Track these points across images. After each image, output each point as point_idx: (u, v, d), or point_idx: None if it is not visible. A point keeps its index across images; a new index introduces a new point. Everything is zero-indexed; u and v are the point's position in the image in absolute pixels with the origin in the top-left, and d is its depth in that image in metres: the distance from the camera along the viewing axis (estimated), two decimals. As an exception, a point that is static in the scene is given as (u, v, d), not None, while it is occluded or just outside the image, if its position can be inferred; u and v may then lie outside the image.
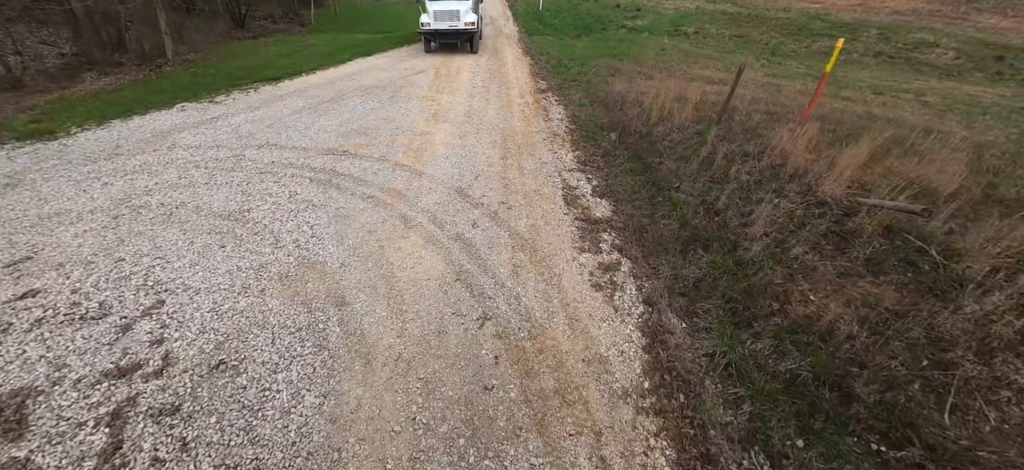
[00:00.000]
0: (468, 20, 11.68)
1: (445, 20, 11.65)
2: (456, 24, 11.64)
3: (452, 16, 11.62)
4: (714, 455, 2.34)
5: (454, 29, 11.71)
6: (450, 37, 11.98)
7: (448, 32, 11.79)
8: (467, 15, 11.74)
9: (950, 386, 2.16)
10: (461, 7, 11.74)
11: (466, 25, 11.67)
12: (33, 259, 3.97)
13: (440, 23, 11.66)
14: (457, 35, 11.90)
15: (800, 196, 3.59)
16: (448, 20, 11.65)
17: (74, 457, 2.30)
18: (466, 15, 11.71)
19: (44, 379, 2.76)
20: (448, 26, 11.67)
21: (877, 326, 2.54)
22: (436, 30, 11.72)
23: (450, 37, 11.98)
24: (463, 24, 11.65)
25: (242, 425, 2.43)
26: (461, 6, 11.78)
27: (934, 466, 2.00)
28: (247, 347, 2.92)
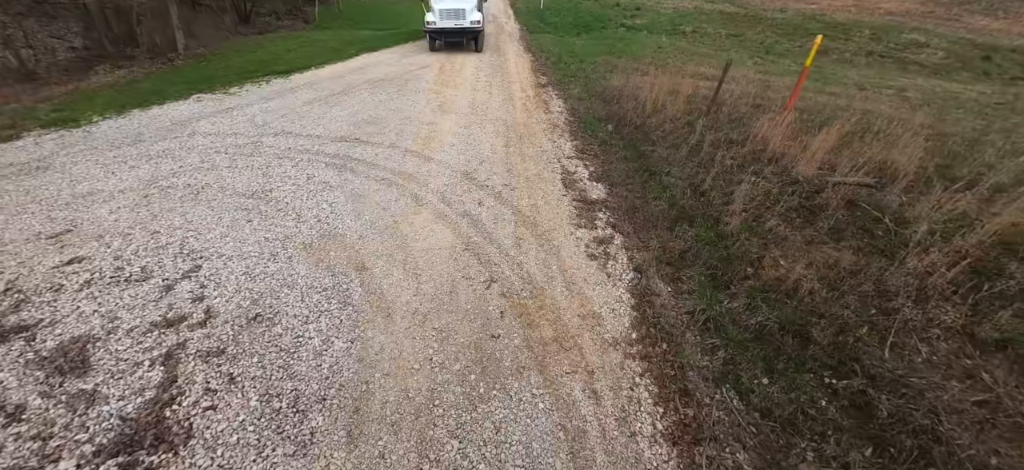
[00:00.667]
0: (474, 19, 11.62)
1: (450, 18, 11.62)
2: (461, 22, 11.60)
3: (457, 14, 11.58)
4: (690, 390, 2.71)
5: (459, 27, 11.67)
6: (455, 36, 11.93)
7: (453, 31, 11.75)
8: (472, 14, 11.67)
9: (891, 328, 2.53)
10: (466, 5, 11.65)
11: (472, 23, 11.62)
12: (73, 231, 4.32)
13: (445, 21, 11.63)
14: (462, 34, 11.85)
15: (776, 176, 3.96)
16: (453, 18, 11.61)
17: (135, 388, 2.66)
18: (471, 14, 11.64)
19: (99, 329, 3.12)
20: (454, 24, 11.64)
21: (835, 283, 2.91)
22: (442, 28, 11.68)
23: (455, 36, 11.93)
24: (469, 22, 11.60)
25: (280, 364, 2.79)
26: (466, 4, 11.68)
27: (873, 390, 2.36)
28: (280, 303, 3.28)
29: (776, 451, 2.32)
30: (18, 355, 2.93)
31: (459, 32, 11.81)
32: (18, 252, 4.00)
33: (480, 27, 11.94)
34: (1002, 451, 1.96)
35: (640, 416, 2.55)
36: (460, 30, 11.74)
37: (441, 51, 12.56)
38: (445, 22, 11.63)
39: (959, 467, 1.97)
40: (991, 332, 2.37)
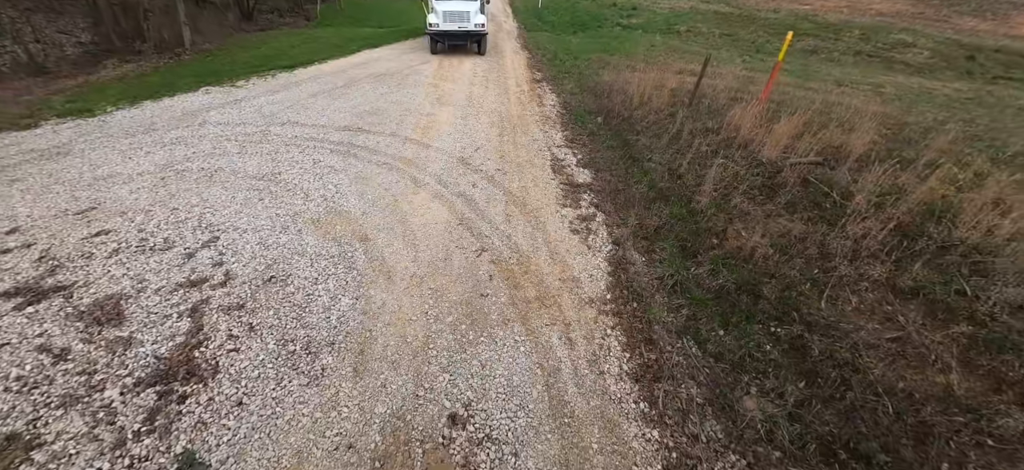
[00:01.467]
0: (478, 21, 11.39)
1: (454, 21, 11.30)
2: (466, 25, 11.30)
3: (461, 17, 11.27)
4: (655, 340, 3.08)
5: (464, 30, 11.35)
6: (459, 39, 11.61)
7: (457, 33, 11.41)
8: (477, 16, 11.44)
9: (828, 283, 2.90)
10: (471, 8, 11.41)
11: (476, 26, 11.37)
12: (97, 209, 4.68)
13: (449, 24, 11.29)
14: (466, 37, 11.55)
15: (744, 159, 4.33)
16: (457, 21, 11.29)
17: (166, 335, 3.03)
18: (476, 16, 11.41)
19: (130, 288, 3.48)
20: (457, 27, 11.32)
21: (785, 248, 3.28)
22: (445, 31, 11.32)
23: (459, 39, 11.61)
24: (473, 25, 11.33)
25: (294, 316, 3.16)
26: (471, 7, 11.44)
27: (809, 334, 2.73)
28: (291, 268, 3.65)
29: (724, 386, 2.69)
30: (58, 309, 3.29)
31: (463, 35, 11.51)
32: (48, 226, 4.36)
33: (485, 31, 11.71)
34: (907, 377, 2.33)
35: (609, 359, 2.92)
36: (464, 33, 11.45)
37: (441, 53, 12.33)
38: (449, 24, 11.31)
39: (871, 390, 2.34)
40: (908, 282, 2.74)
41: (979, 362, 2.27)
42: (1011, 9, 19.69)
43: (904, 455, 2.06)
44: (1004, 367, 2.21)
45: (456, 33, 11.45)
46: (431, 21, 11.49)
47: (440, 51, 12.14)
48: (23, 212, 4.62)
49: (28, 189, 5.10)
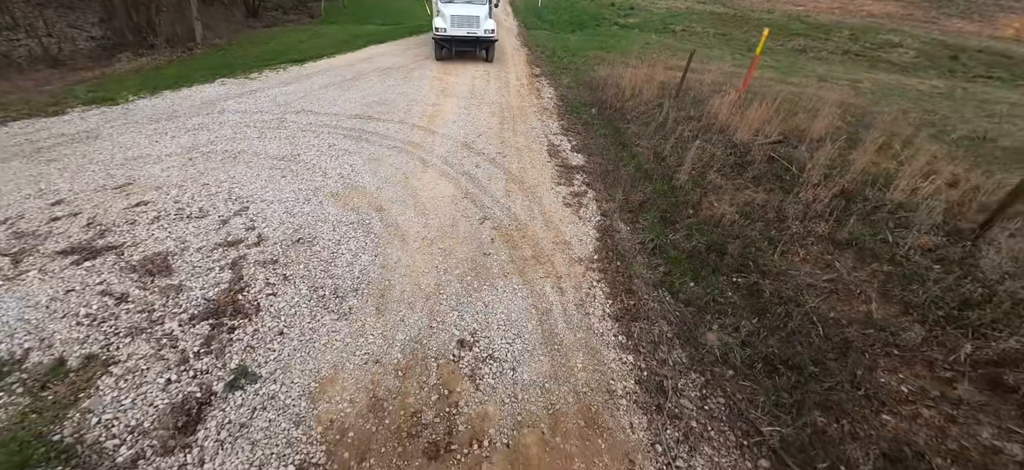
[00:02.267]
0: (488, 27, 10.84)
1: (462, 26, 10.71)
2: (474, 31, 10.73)
3: (470, 22, 10.70)
4: (634, 290, 3.56)
5: (473, 36, 10.82)
6: (467, 45, 11.13)
7: (466, 40, 10.90)
8: (486, 22, 10.90)
9: (781, 240, 3.37)
10: (480, 12, 10.87)
11: (486, 32, 10.82)
12: (133, 184, 5.14)
13: (457, 29, 10.70)
14: (475, 43, 11.09)
15: (720, 142, 4.81)
16: (466, 26, 10.71)
17: (212, 283, 3.49)
18: (485, 22, 10.86)
19: (174, 247, 3.95)
20: (466, 33, 10.75)
21: (749, 214, 3.75)
22: (453, 36, 10.77)
23: (467, 45, 11.13)
24: (483, 31, 10.77)
25: (321, 269, 3.63)
26: (480, 11, 10.91)
27: (762, 280, 3.21)
28: (316, 231, 4.12)
29: (690, 324, 3.18)
30: (113, 264, 3.75)
31: (472, 41, 11.00)
32: (90, 198, 4.82)
33: (494, 37, 11.21)
34: (837, 308, 2.80)
35: (594, 304, 3.40)
36: (473, 39, 10.91)
37: (446, 59, 11.62)
38: (456, 30, 10.70)
39: (808, 319, 2.82)
40: (844, 235, 3.21)
41: (893, 293, 2.75)
42: (997, 11, 20.24)
43: (829, 365, 2.54)
44: (911, 295, 2.69)
45: (464, 39, 10.92)
46: (437, 25, 10.81)
47: (445, 57, 11.51)
48: (64, 187, 5.08)
49: (65, 168, 5.56)
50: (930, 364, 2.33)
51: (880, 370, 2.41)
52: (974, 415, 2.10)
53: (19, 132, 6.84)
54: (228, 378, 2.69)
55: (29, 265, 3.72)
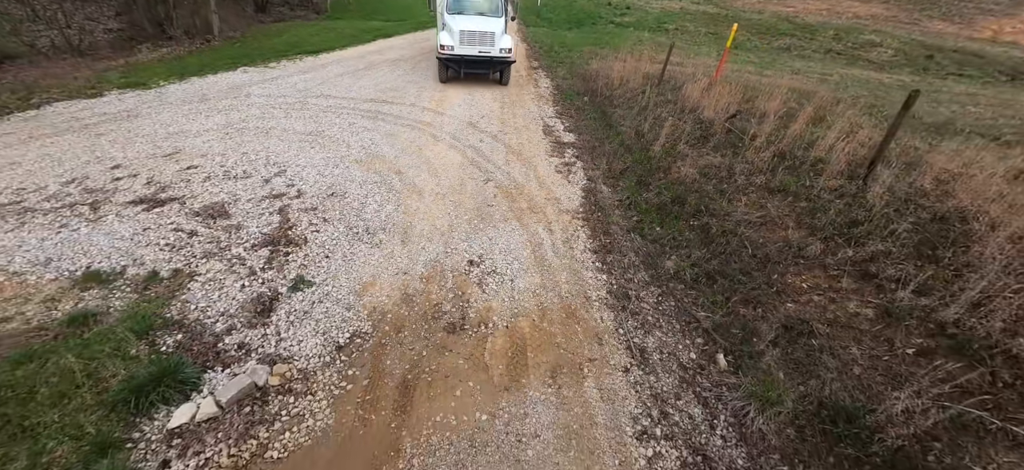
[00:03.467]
0: (504, 45, 8.84)
1: (474, 44, 8.71)
2: (488, 50, 8.75)
3: (483, 39, 8.67)
4: (611, 232, 4.34)
5: (486, 56, 8.83)
6: (479, 67, 9.06)
7: (478, 60, 8.88)
8: (502, 39, 8.91)
9: (728, 191, 4.15)
10: (495, 27, 8.80)
11: (502, 52, 8.83)
12: (180, 153, 5.89)
13: (467, 46, 8.72)
14: (488, 64, 9.01)
15: (690, 119, 5.59)
16: (478, 44, 8.71)
17: (265, 223, 4.26)
18: (501, 39, 8.85)
19: (228, 199, 4.71)
20: (477, 52, 8.78)
21: (706, 173, 4.54)
22: (462, 57, 8.80)
23: (479, 67, 9.06)
24: (498, 50, 8.79)
25: (354, 214, 4.40)
26: (495, 26, 8.83)
27: (712, 220, 3.99)
28: (346, 188, 4.89)
29: (654, 255, 3.96)
30: (178, 210, 4.51)
31: (484, 62, 8.97)
32: (144, 163, 5.57)
33: (511, 58, 9.11)
34: (764, 236, 3.58)
35: (577, 241, 4.18)
36: (486, 60, 8.90)
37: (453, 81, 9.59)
38: (466, 47, 8.74)
39: (741, 244, 3.60)
40: (776, 183, 3.98)
41: (805, 221, 3.53)
42: (977, 13, 21.14)
43: (753, 274, 3.32)
44: (817, 221, 3.48)
45: (477, 59, 8.87)
46: (443, 42, 8.78)
47: (451, 79, 9.45)
48: (119, 155, 5.82)
49: (115, 140, 6.31)
50: (824, 267, 3.10)
51: (789, 274, 3.18)
52: (847, 296, 2.87)
53: (64, 111, 7.58)
54: (289, 284, 3.46)
55: (106, 211, 4.48)
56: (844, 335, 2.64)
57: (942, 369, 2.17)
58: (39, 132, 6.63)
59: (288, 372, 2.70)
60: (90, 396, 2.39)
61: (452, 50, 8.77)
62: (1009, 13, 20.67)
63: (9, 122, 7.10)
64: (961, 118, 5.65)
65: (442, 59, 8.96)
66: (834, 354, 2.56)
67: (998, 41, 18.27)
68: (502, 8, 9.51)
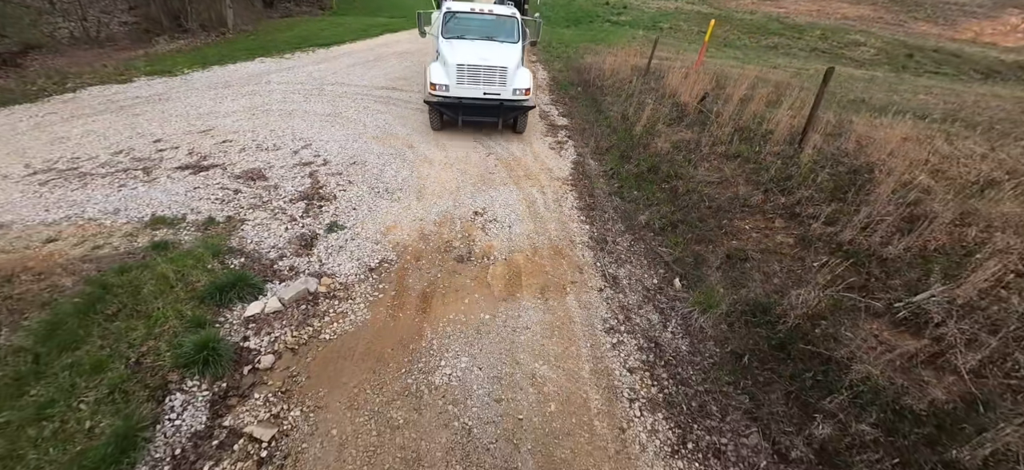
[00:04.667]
0: (520, 85, 6.10)
1: (477, 81, 5.97)
2: (497, 90, 6.02)
3: (491, 76, 5.95)
4: (595, 195, 5.06)
5: (494, 101, 6.06)
6: (485, 114, 6.22)
7: (484, 105, 6.11)
8: (518, 75, 6.18)
9: (694, 159, 4.87)
10: (508, 58, 6.12)
11: (516, 94, 6.07)
12: (213, 130, 6.59)
13: (468, 86, 5.98)
14: (498, 111, 6.20)
15: (669, 103, 6.31)
16: (483, 82, 5.97)
17: (298, 184, 4.96)
18: (515, 76, 6.11)
19: (263, 166, 5.41)
20: (482, 94, 6.03)
21: (678, 146, 5.26)
22: (460, 100, 6.03)
23: (485, 114, 6.22)
24: (511, 92, 6.04)
25: (374, 177, 5.11)
26: (508, 57, 6.15)
27: (679, 182, 4.71)
28: (366, 158, 5.59)
29: (630, 212, 4.68)
30: (221, 174, 5.21)
31: (492, 108, 6.16)
32: (182, 138, 6.26)
33: (529, 101, 6.29)
34: (719, 192, 4.30)
35: (565, 201, 4.90)
36: (494, 105, 6.12)
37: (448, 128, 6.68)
38: (466, 87, 6.00)
39: (701, 199, 4.32)
40: (732, 152, 4.69)
41: (752, 179, 4.24)
42: (960, 15, 21.93)
43: (707, 221, 4.03)
44: (760, 178, 4.20)
45: (481, 104, 6.10)
46: (435, 79, 6.09)
47: (447, 126, 6.61)
48: (158, 131, 6.51)
49: (151, 119, 6.99)
50: (763, 212, 3.80)
51: (735, 219, 3.89)
52: (777, 231, 3.58)
53: (99, 94, 8.27)
54: (325, 227, 4.17)
55: (158, 175, 5.17)
56: (770, 258, 3.35)
57: (832, 272, 2.87)
58: (80, 112, 7.31)
59: (332, 284, 3.41)
60: (183, 293, 3.10)
61: (446, 91, 5.96)
62: (990, 16, 21.47)
63: (49, 103, 7.79)
64: (906, 103, 6.37)
65: (434, 105, 6.14)
66: (761, 271, 3.27)
67: (977, 42, 19.04)
68: (517, 31, 6.72)
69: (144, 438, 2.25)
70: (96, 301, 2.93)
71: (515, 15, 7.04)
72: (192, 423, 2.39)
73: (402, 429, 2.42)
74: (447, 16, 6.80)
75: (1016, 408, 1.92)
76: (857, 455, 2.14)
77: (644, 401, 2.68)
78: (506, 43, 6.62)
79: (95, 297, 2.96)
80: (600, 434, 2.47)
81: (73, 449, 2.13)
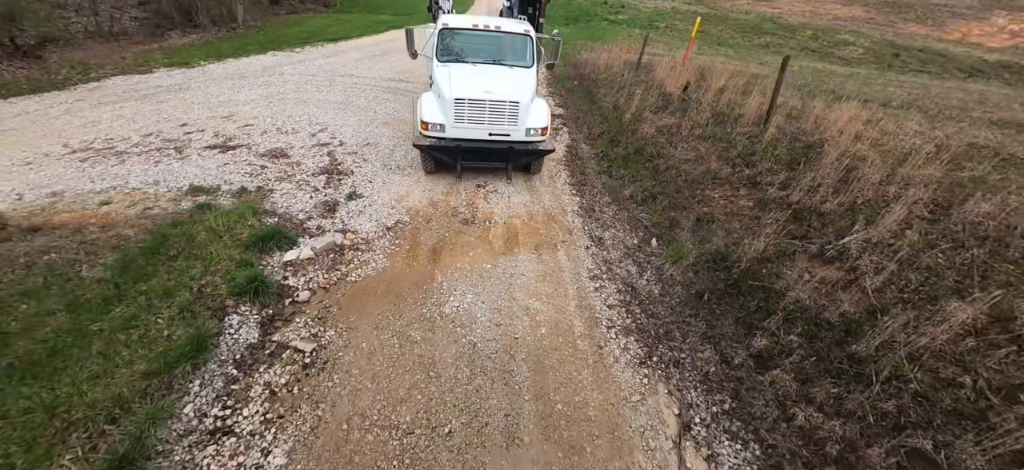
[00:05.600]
0: (535, 123, 4.90)
1: (481, 120, 4.76)
2: (507, 133, 4.83)
3: (498, 112, 4.73)
4: (586, 174, 5.61)
5: (501, 142, 4.87)
6: (491, 159, 5.07)
7: (489, 147, 4.91)
8: (532, 111, 4.98)
9: (674, 140, 5.42)
10: (519, 90, 4.89)
11: (531, 133, 4.89)
12: (235, 116, 7.11)
13: (470, 126, 4.78)
14: (505, 156, 5.03)
15: (655, 92, 6.86)
16: (488, 120, 4.75)
17: (318, 161, 5.49)
18: (530, 110, 4.95)
19: (285, 146, 5.94)
20: (487, 135, 4.83)
21: (661, 131, 5.81)
22: (459, 142, 4.84)
23: (491, 159, 5.07)
24: (524, 132, 4.85)
25: (386, 156, 5.65)
26: (519, 86, 4.95)
27: (660, 161, 5.25)
28: (378, 140, 6.13)
29: (616, 187, 5.22)
30: (247, 153, 5.74)
31: (499, 152, 4.98)
32: (206, 122, 6.78)
33: (546, 143, 5.05)
34: (694, 167, 4.84)
35: (559, 179, 5.45)
36: (501, 148, 4.93)
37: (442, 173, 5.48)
38: (467, 126, 4.79)
39: (678, 175, 4.87)
40: (708, 133, 5.24)
41: (723, 156, 4.79)
42: (948, 17, 22.52)
43: (683, 191, 4.57)
44: (729, 154, 4.74)
45: (486, 147, 4.93)
46: (427, 117, 4.82)
47: (443, 170, 5.31)
48: (182, 116, 7.03)
49: (175, 106, 7.52)
50: (731, 183, 4.35)
51: (706, 190, 4.43)
52: (740, 197, 4.12)
53: (122, 84, 8.79)
54: (345, 196, 4.70)
55: (188, 153, 5.70)
56: (733, 219, 3.89)
57: (780, 225, 3.41)
58: (107, 99, 7.84)
59: (355, 239, 3.95)
60: (230, 241, 3.63)
61: (441, 132, 4.82)
62: (979, 17, 22.05)
63: (76, 91, 8.32)
64: (874, 94, 6.93)
65: (426, 150, 4.91)
66: (724, 229, 3.81)
67: (964, 42, 19.61)
68: (531, 53, 5.60)
69: (212, 343, 2.79)
70: (158, 245, 3.46)
71: (528, 32, 5.63)
72: (247, 337, 2.93)
73: (419, 344, 2.96)
74: (443, 34, 5.51)
75: (903, 311, 2.46)
76: (785, 358, 2.68)
77: (619, 328, 3.22)
78: (517, 67, 5.34)
79: (157, 243, 3.49)
80: (582, 350, 3.01)
81: (157, 348, 2.66)
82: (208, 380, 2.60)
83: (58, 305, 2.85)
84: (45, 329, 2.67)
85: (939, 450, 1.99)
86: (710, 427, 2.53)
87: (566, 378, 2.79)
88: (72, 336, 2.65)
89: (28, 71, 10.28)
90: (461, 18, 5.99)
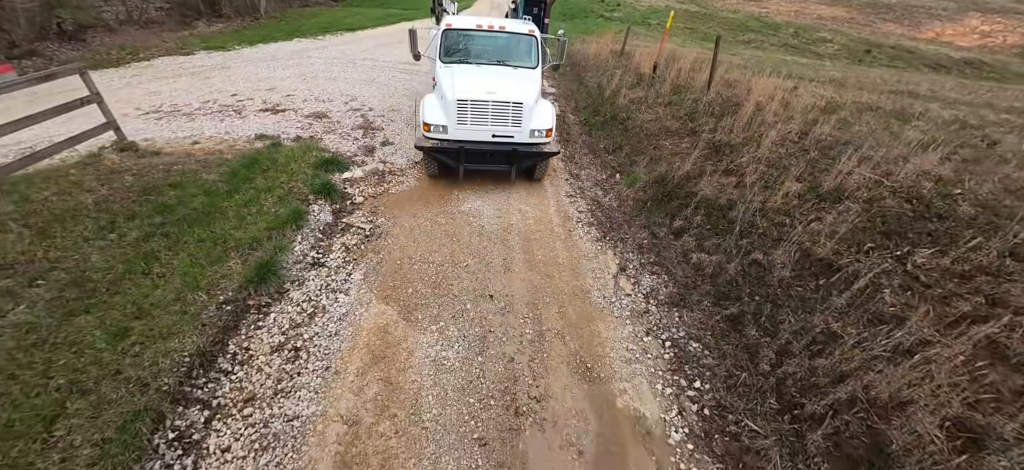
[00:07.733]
0: (539, 125, 4.95)
1: (484, 121, 4.80)
2: (511, 134, 4.87)
3: (501, 113, 4.78)
4: (571, 135, 6.93)
5: (505, 144, 4.89)
6: (494, 161, 5.09)
7: (492, 148, 4.90)
8: (536, 112, 5.04)
9: (643, 107, 6.73)
10: (524, 90, 4.95)
11: (536, 135, 4.93)
12: (276, 89, 8.40)
13: (473, 127, 4.82)
14: (509, 158, 5.04)
15: (632, 73, 8.18)
16: (491, 122, 4.79)
17: (353, 121, 6.80)
18: (535, 112, 5.01)
19: (324, 111, 7.23)
20: (491, 136, 4.85)
21: (633, 101, 7.12)
22: (462, 144, 4.85)
23: (494, 161, 5.09)
24: (528, 133, 4.90)
25: (408, 117, 6.96)
26: (523, 87, 5.03)
27: (630, 123, 6.55)
28: (400, 106, 7.44)
29: (592, 144, 6.53)
30: (294, 115, 7.03)
31: (502, 153, 4.99)
32: (252, 94, 8.07)
33: (551, 144, 5.09)
34: (654, 126, 6.15)
35: (548, 136, 6.76)
36: (504, 148, 4.94)
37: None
38: (470, 128, 4.84)
39: (641, 132, 6.17)
40: (668, 100, 6.56)
41: (676, 115, 6.10)
42: (925, 18, 23.85)
43: (644, 141, 5.88)
44: (679, 114, 6.06)
45: (490, 148, 4.92)
46: (429, 119, 4.89)
47: (445, 172, 5.27)
48: (230, 88, 8.32)
49: (222, 81, 8.80)
50: (677, 134, 5.66)
51: (660, 140, 5.75)
52: (682, 143, 5.43)
53: (170, 63, 10.08)
54: (380, 143, 6.00)
55: (246, 114, 6.99)
56: (675, 156, 5.20)
57: (702, 155, 4.73)
58: (160, 75, 9.12)
59: (392, 167, 5.26)
60: (303, 163, 4.94)
61: (443, 133, 4.92)
62: (953, 19, 23.37)
63: (130, 69, 9.60)
64: (815, 76, 8.26)
65: (429, 152, 4.90)
66: (667, 162, 5.12)
67: (936, 42, 20.92)
68: (536, 53, 5.69)
69: (305, 218, 4.09)
70: (252, 163, 4.77)
71: (533, 33, 5.72)
72: (325, 219, 4.24)
73: (444, 225, 4.27)
74: (447, 34, 5.61)
75: (761, 191, 3.78)
76: (693, 229, 4.00)
77: (585, 224, 4.54)
78: (521, 69, 5.43)
79: (251, 161, 4.80)
80: (557, 233, 4.33)
81: (267, 218, 3.96)
82: (305, 237, 3.92)
83: (196, 191, 4.15)
84: (194, 202, 3.98)
85: (767, 257, 3.31)
86: (638, 269, 3.85)
87: (545, 244, 4.11)
88: (212, 207, 3.96)
89: (78, 52, 11.57)
90: (465, 18, 6.06)
